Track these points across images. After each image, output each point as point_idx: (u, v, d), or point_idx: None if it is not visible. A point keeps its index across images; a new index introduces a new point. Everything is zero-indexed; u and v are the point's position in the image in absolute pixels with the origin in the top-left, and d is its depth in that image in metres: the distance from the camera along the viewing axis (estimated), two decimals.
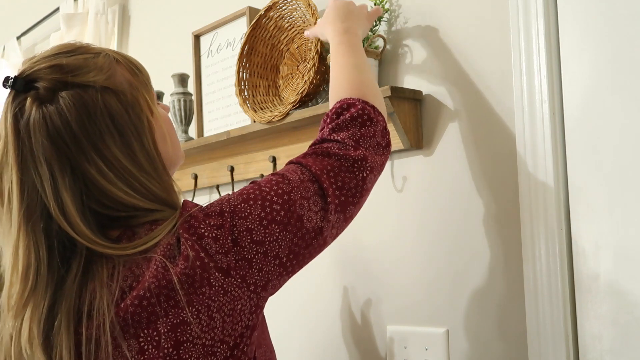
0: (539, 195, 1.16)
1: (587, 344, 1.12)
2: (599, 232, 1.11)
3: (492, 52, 1.26)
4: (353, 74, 1.07)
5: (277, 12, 1.59)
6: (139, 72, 0.91)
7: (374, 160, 0.97)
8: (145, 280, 0.79)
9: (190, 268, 0.79)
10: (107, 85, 0.84)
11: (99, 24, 2.31)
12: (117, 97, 0.85)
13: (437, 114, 1.34)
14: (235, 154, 1.75)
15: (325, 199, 0.90)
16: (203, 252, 0.80)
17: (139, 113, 0.87)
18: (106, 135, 0.83)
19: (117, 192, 0.84)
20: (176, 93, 1.86)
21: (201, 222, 0.82)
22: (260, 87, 1.64)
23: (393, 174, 1.41)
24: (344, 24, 1.17)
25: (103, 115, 0.83)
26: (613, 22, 1.11)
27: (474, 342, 1.26)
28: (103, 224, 0.86)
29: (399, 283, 1.39)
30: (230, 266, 0.81)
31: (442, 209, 1.33)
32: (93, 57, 0.86)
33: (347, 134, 0.97)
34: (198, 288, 0.79)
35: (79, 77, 0.83)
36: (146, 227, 0.85)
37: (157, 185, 0.87)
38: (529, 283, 1.17)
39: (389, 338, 1.39)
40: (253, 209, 0.84)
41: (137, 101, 0.87)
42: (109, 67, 0.86)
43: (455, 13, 1.33)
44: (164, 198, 0.88)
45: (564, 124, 1.16)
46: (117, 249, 0.82)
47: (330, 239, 0.94)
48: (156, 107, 0.92)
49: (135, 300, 0.79)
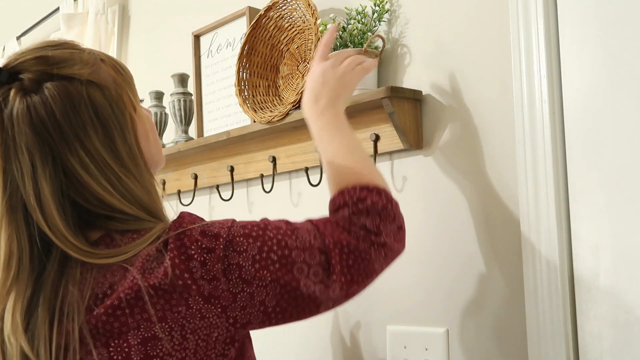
0: (539, 195, 1.16)
1: (587, 344, 1.12)
2: (599, 232, 1.11)
3: (492, 52, 1.26)
4: (349, 159, 1.01)
5: (277, 12, 1.59)
6: (123, 71, 0.92)
7: (392, 247, 0.95)
8: (120, 291, 0.78)
9: (168, 285, 0.78)
10: (91, 79, 0.85)
11: (99, 24, 2.31)
12: (101, 91, 0.85)
13: (437, 114, 1.34)
14: (235, 154, 1.75)
15: (330, 274, 0.88)
16: (187, 274, 0.79)
17: (122, 109, 0.87)
18: (89, 127, 0.83)
19: (97, 187, 0.83)
20: (176, 93, 1.86)
21: (193, 242, 0.81)
22: (260, 87, 1.64)
23: (393, 174, 1.41)
24: (319, 104, 1.07)
25: (87, 108, 0.83)
26: (613, 22, 1.11)
27: (474, 342, 1.26)
28: (83, 221, 0.85)
29: (399, 283, 1.39)
30: (213, 294, 0.79)
31: (442, 209, 1.33)
32: (79, 52, 0.87)
33: (369, 220, 0.94)
34: (174, 306, 0.78)
35: (64, 69, 0.83)
36: (127, 236, 0.84)
37: (137, 185, 0.86)
38: (529, 283, 1.17)
39: (389, 338, 1.39)
40: (250, 248, 0.82)
41: (121, 97, 0.87)
42: (93, 63, 0.87)
43: (455, 13, 1.33)
44: (145, 203, 0.86)
45: (564, 124, 1.16)
46: (89, 255, 0.81)
47: (325, 310, 0.90)
48: (139, 106, 0.93)
49: (108, 309, 0.78)
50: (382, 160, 1.43)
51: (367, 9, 1.41)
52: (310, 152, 1.54)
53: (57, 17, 2.49)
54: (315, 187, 1.52)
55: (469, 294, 1.27)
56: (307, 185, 1.56)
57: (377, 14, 1.40)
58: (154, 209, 0.87)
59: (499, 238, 1.24)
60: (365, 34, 1.39)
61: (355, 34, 1.39)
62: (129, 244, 0.82)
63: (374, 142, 1.39)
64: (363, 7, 1.41)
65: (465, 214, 1.29)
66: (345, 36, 1.40)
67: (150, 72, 2.18)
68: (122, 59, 2.33)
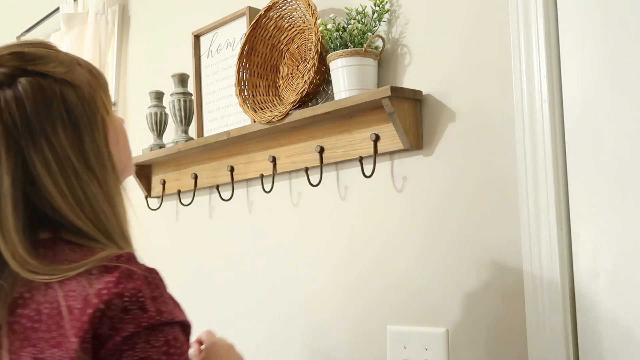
0: (539, 195, 1.16)
1: (587, 344, 1.12)
2: (599, 232, 1.11)
3: (492, 52, 1.26)
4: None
5: (277, 12, 1.59)
6: (98, 75, 0.91)
7: None
8: (40, 302, 0.77)
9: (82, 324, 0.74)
10: (66, 78, 0.85)
11: (99, 24, 2.31)
12: (75, 91, 0.85)
13: (437, 114, 1.34)
14: (235, 154, 1.75)
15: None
16: (97, 320, 0.74)
17: (94, 109, 0.86)
18: (58, 124, 0.83)
19: (52, 188, 0.81)
20: (176, 93, 1.86)
21: (123, 297, 0.76)
22: (260, 87, 1.64)
23: (393, 174, 1.41)
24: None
25: (59, 104, 0.83)
26: (613, 22, 1.11)
27: (474, 342, 1.26)
28: (36, 218, 0.83)
29: (399, 283, 1.39)
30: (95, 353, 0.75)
31: (442, 209, 1.33)
32: (55, 52, 0.87)
33: None
34: (67, 339, 0.75)
35: (39, 66, 0.84)
36: (71, 249, 0.81)
37: (99, 191, 0.84)
38: (529, 283, 1.17)
39: (389, 338, 1.39)
40: (154, 352, 0.76)
41: (94, 99, 0.87)
42: (69, 63, 0.87)
43: (455, 13, 1.33)
44: (102, 216, 0.83)
45: (564, 124, 1.16)
46: (21, 264, 0.79)
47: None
48: (112, 111, 0.92)
49: (23, 318, 0.78)
50: (382, 160, 1.43)
51: (367, 9, 1.41)
52: (310, 152, 1.55)
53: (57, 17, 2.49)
54: (315, 187, 1.52)
55: (469, 294, 1.27)
56: (307, 185, 1.56)
57: (377, 14, 1.40)
58: (110, 226, 0.84)
59: (498, 238, 1.24)
60: (365, 34, 1.39)
61: (355, 34, 1.39)
62: (66, 264, 0.78)
63: (374, 142, 1.39)
64: (363, 7, 1.41)
65: (465, 214, 1.29)
66: (345, 36, 1.40)
67: (150, 72, 2.18)
68: (122, 59, 2.33)
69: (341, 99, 1.38)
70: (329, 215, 1.54)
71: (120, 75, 2.32)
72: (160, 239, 1.92)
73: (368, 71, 1.39)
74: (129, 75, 2.31)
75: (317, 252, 1.56)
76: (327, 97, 1.53)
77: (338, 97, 1.40)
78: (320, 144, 1.52)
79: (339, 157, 1.48)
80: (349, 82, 1.38)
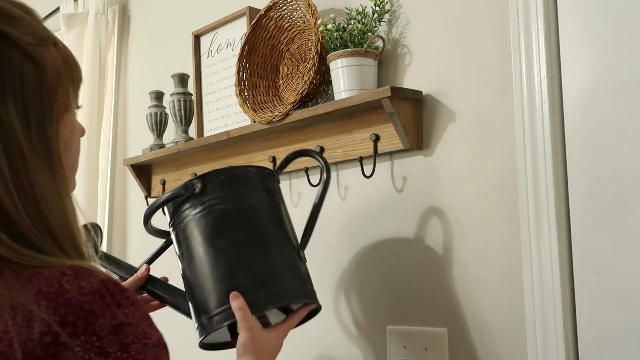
0: (539, 196, 1.16)
1: (587, 344, 1.12)
2: (599, 232, 1.11)
3: (492, 52, 1.26)
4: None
5: (277, 12, 1.59)
6: (73, 68, 0.77)
7: None
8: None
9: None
10: (29, 50, 0.71)
11: (99, 24, 2.31)
12: (35, 69, 0.71)
13: (437, 114, 1.34)
14: (235, 154, 1.75)
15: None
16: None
17: (51, 99, 0.72)
18: (9, 93, 0.68)
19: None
20: (176, 93, 1.86)
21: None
22: (260, 87, 1.64)
23: (393, 174, 1.41)
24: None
25: (14, 73, 0.69)
26: (613, 22, 1.11)
27: (474, 342, 1.26)
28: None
29: (398, 283, 1.39)
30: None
31: (442, 209, 1.33)
32: (32, 20, 0.73)
33: None
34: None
35: (4, 25, 0.70)
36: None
37: (46, 183, 0.68)
38: (529, 283, 1.17)
39: (389, 338, 1.39)
40: None
41: (55, 88, 0.72)
42: (42, 37, 0.73)
43: (456, 13, 1.33)
44: (45, 214, 0.67)
45: (564, 124, 1.16)
46: None
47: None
48: (74, 113, 0.77)
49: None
50: (382, 160, 1.43)
51: (367, 9, 1.41)
52: None
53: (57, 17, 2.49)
54: (315, 187, 1.52)
55: (469, 294, 1.27)
56: (307, 185, 1.56)
57: (378, 14, 1.40)
58: (55, 224, 0.68)
59: (498, 238, 1.24)
60: (365, 34, 1.39)
61: (356, 34, 1.39)
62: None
63: (374, 142, 1.39)
64: (363, 7, 1.41)
65: (465, 214, 1.29)
66: (345, 36, 1.40)
67: (150, 72, 2.18)
68: (122, 59, 2.33)
69: (341, 99, 1.38)
70: (329, 215, 1.54)
71: (120, 75, 2.32)
72: (160, 239, 1.91)
73: (368, 71, 1.39)
74: (129, 75, 2.31)
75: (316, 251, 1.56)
76: (327, 97, 1.53)
77: (338, 97, 1.41)
78: (320, 144, 1.52)
79: (339, 157, 1.48)
80: (349, 82, 1.38)
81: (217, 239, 1.15)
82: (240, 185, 1.19)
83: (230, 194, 1.18)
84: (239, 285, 1.11)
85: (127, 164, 2.04)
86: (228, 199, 1.17)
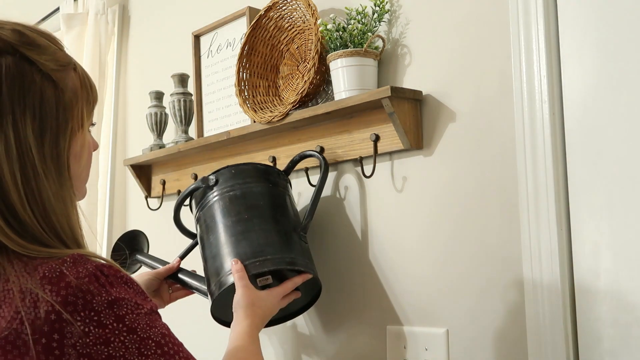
0: (539, 196, 1.16)
1: (586, 345, 1.12)
2: (599, 232, 1.11)
3: (492, 52, 1.26)
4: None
5: (277, 12, 1.59)
6: (90, 90, 0.87)
7: None
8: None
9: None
10: (51, 75, 0.81)
11: (99, 24, 2.31)
12: (55, 90, 0.81)
13: (437, 114, 1.34)
14: (235, 154, 1.75)
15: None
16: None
17: (67, 117, 0.82)
18: (28, 112, 0.78)
19: (7, 173, 0.76)
20: (176, 93, 1.86)
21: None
22: (260, 87, 1.64)
23: (393, 174, 1.41)
24: (253, 319, 1.19)
25: (34, 95, 0.79)
26: (613, 22, 1.11)
27: (474, 342, 1.26)
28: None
29: (398, 283, 1.39)
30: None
31: (442, 209, 1.33)
32: (55, 48, 0.84)
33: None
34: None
35: (31, 52, 0.81)
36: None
37: (52, 190, 0.78)
38: (529, 283, 1.17)
39: (389, 338, 1.39)
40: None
41: (72, 108, 0.83)
42: (63, 63, 0.83)
43: (456, 13, 1.33)
44: (50, 217, 0.78)
45: (564, 124, 1.16)
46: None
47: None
48: (87, 129, 0.88)
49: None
50: (382, 160, 1.43)
51: (367, 9, 1.41)
52: None
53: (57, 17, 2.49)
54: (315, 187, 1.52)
55: (469, 294, 1.27)
56: (307, 185, 1.56)
57: (377, 14, 1.40)
58: (60, 225, 0.79)
59: (498, 238, 1.24)
60: (365, 34, 1.39)
61: (355, 34, 1.39)
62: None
63: (374, 142, 1.39)
64: (363, 7, 1.41)
65: (465, 214, 1.29)
66: (345, 36, 1.40)
67: (150, 72, 2.18)
68: (122, 59, 2.33)
69: (341, 99, 1.38)
70: (329, 215, 1.54)
71: (120, 75, 2.32)
72: (160, 239, 1.91)
73: (368, 71, 1.39)
74: (129, 75, 2.31)
75: (316, 251, 1.56)
76: (327, 97, 1.53)
77: (338, 97, 1.41)
78: (320, 144, 1.52)
79: (339, 157, 1.48)
80: (349, 82, 1.38)
81: (226, 218, 1.37)
82: (248, 177, 1.41)
83: (238, 183, 1.40)
84: (240, 254, 1.30)
85: (127, 164, 2.04)
86: (236, 187, 1.40)
